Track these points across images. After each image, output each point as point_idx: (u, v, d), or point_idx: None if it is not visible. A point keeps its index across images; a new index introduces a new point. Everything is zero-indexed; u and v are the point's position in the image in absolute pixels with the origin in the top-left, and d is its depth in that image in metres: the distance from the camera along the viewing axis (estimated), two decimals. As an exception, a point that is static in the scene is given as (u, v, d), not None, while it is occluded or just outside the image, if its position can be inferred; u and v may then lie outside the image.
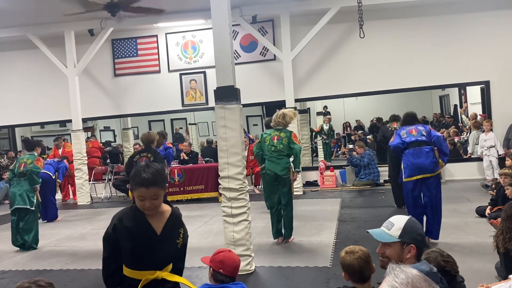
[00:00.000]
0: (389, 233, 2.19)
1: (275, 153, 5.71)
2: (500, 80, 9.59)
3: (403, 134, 5.39)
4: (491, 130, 8.94)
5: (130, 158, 6.44)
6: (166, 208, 2.39)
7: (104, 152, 11.82)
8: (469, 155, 10.10)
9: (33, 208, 6.29)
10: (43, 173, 7.12)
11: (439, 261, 2.63)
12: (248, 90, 9.11)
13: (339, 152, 14.46)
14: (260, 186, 10.00)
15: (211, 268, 2.69)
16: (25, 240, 6.25)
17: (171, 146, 8.81)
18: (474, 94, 11.87)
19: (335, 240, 5.72)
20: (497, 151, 8.73)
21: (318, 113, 14.18)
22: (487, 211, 6.28)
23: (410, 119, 5.55)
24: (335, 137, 14.37)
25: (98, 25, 9.67)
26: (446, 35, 9.77)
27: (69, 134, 11.10)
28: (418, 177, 5.18)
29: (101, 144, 11.99)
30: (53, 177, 8.43)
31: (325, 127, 13.05)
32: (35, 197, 6.32)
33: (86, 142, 11.45)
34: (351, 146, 12.69)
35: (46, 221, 8.11)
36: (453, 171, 9.86)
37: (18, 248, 6.33)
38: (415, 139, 5.27)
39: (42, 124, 13.22)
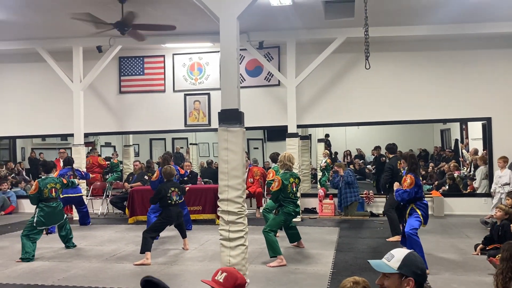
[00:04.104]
0: (389, 264, 2.21)
1: (295, 197, 6.35)
2: (502, 117, 9.66)
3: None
4: (506, 167, 8.70)
5: (163, 187, 6.58)
6: None
7: (106, 168, 11.75)
8: (469, 190, 10.06)
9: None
10: (78, 197, 9.09)
11: None
12: (251, 113, 9.16)
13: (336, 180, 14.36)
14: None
15: None
16: (70, 239, 7.27)
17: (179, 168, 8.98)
18: (475, 130, 11.92)
19: (331, 270, 5.65)
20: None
21: (319, 140, 14.21)
22: (478, 250, 6.25)
23: (416, 162, 5.85)
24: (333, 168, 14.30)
25: (107, 42, 9.80)
26: (450, 70, 9.89)
27: (70, 148, 11.10)
28: None
29: (102, 159, 11.88)
30: (83, 194, 9.50)
31: (323, 162, 12.95)
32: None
33: (87, 157, 11.45)
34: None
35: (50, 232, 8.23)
36: (452, 206, 9.82)
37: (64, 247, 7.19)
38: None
39: (43, 137, 13.24)
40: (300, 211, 9.00)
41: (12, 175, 12.52)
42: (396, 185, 5.90)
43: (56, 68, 10.30)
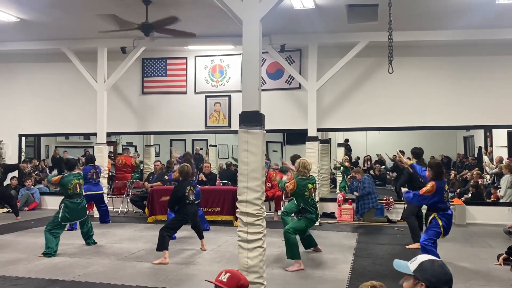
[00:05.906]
0: (408, 266, 2.24)
1: (314, 202, 6.27)
2: (528, 125, 9.44)
3: (445, 197, 5.62)
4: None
5: (179, 187, 6.61)
6: None
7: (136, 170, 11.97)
8: (493, 198, 9.84)
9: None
10: (100, 194, 9.28)
11: None
12: (271, 116, 9.16)
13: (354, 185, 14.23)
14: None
15: None
16: (91, 236, 7.44)
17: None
18: (500, 137, 11.66)
19: (350, 275, 5.60)
20: None
21: (339, 144, 14.09)
22: (500, 260, 6.09)
23: (443, 171, 5.70)
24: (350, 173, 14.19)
25: (131, 44, 9.95)
26: (474, 76, 9.71)
27: (92, 147, 11.31)
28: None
29: (135, 161, 12.15)
30: (104, 191, 9.71)
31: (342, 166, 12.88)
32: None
33: (119, 156, 11.67)
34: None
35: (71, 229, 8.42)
36: (475, 215, 9.61)
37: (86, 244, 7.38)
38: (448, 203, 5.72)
39: (67, 135, 13.51)
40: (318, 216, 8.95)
41: (36, 172, 12.81)
42: (403, 190, 5.89)
43: (81, 68, 10.52)
